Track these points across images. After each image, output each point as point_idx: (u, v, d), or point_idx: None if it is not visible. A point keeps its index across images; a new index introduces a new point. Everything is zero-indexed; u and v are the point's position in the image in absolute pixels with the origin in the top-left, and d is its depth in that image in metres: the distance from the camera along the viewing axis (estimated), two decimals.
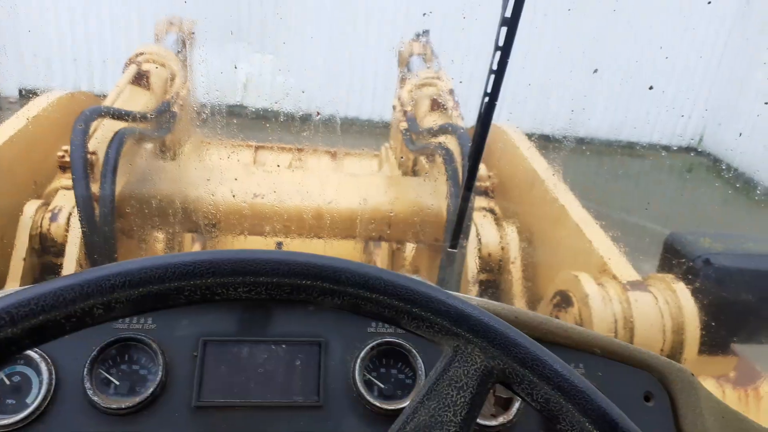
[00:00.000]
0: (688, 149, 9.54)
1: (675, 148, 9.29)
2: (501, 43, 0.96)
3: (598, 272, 1.78)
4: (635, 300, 1.63)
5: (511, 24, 0.93)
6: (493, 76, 1.01)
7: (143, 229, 2.49)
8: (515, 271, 2.10)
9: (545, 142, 2.70)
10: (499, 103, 1.15)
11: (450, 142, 2.22)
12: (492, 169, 2.41)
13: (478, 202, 2.25)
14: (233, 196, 2.25)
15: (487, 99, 1.06)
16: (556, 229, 2.06)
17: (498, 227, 2.18)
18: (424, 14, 3.70)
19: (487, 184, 2.31)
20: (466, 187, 1.31)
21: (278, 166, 3.62)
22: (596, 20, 6.15)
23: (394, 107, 3.27)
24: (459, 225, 1.36)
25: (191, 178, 2.42)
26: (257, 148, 3.92)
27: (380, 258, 3.27)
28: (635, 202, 6.44)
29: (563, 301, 1.71)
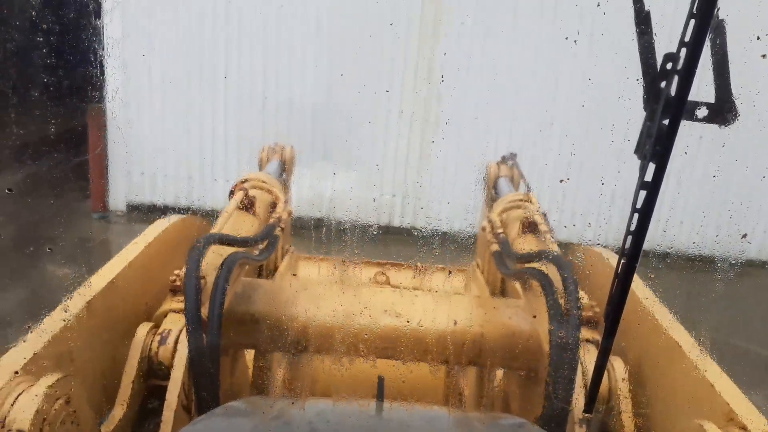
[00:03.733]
0: None
1: None
2: (639, 206, 0.96)
3: (724, 420, 1.63)
4: None
5: (651, 188, 0.93)
6: (631, 237, 1.00)
7: (237, 347, 2.54)
8: (625, 411, 1.95)
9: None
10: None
11: (546, 268, 2.17)
12: (593, 296, 2.32)
13: (581, 333, 2.15)
14: (323, 316, 2.27)
15: (624, 260, 1.04)
16: (670, 367, 1.92)
17: None
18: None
19: (590, 313, 2.22)
20: (602, 353, 1.24)
21: (371, 282, 3.64)
22: None
23: (483, 228, 3.28)
24: (596, 386, 1.28)
25: (285, 296, 2.46)
26: (344, 262, 3.98)
27: (467, 384, 3.14)
28: (738, 324, 6.01)
29: None
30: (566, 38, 7.36)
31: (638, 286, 2.27)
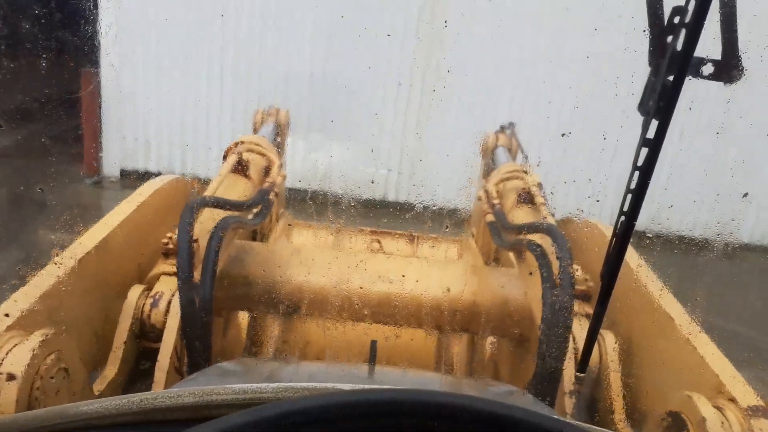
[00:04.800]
0: None
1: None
2: (640, 164, 0.94)
3: (714, 393, 1.64)
4: (759, 429, 1.47)
5: (653, 146, 0.91)
6: (630, 196, 0.98)
7: (230, 309, 2.53)
8: (614, 383, 1.96)
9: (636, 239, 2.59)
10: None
11: (540, 239, 2.16)
12: (587, 270, 2.32)
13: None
14: (316, 279, 2.26)
15: (623, 218, 1.02)
16: (661, 341, 1.93)
17: None
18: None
19: (584, 287, 2.22)
20: (595, 317, 1.23)
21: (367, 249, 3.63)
22: None
23: (479, 198, 3.26)
24: (589, 347, 1.27)
25: (278, 260, 2.45)
26: (338, 230, 3.96)
27: (457, 351, 3.16)
28: (728, 307, 6.04)
29: (675, 424, 1.57)
30: None
31: (631, 259, 2.26)
